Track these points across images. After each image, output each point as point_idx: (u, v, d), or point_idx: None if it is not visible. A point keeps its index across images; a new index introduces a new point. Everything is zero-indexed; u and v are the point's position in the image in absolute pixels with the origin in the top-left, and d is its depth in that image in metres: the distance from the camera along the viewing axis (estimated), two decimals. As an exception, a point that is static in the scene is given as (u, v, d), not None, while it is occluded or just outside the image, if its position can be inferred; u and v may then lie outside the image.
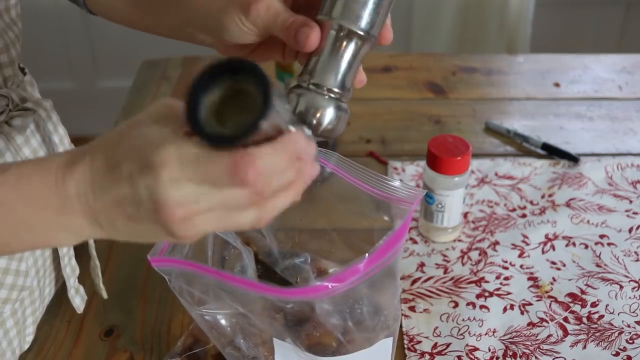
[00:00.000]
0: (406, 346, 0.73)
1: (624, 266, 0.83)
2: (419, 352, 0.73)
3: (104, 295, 0.77)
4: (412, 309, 0.77)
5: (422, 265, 0.84)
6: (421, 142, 0.95)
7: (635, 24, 2.25)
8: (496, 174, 0.98)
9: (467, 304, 0.78)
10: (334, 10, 0.50)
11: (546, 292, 0.80)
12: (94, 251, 0.76)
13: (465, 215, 0.90)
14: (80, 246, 0.75)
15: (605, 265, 0.83)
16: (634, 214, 0.91)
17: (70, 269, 0.73)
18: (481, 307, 0.78)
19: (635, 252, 0.85)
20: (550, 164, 1.00)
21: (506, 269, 0.83)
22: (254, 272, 0.65)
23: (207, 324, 0.61)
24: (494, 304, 0.78)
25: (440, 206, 0.84)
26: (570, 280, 0.81)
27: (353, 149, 1.03)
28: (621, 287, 0.80)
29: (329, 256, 0.70)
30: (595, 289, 0.80)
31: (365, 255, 0.52)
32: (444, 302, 0.78)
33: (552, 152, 1.02)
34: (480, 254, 0.85)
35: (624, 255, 0.84)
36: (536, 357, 0.72)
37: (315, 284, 0.51)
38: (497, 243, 0.86)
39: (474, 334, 0.74)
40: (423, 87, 1.21)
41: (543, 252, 0.85)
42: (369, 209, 0.63)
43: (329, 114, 0.50)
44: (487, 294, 0.79)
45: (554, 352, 0.72)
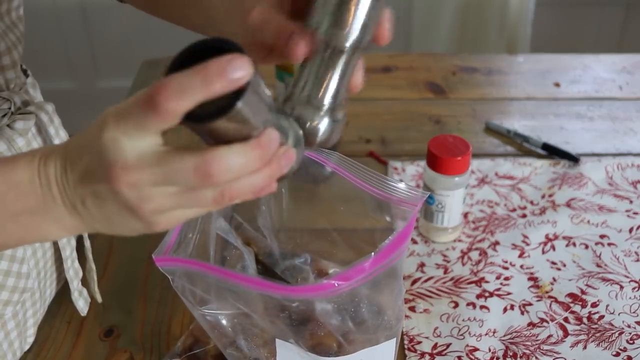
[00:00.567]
0: (406, 346, 0.73)
1: (624, 266, 0.83)
2: (419, 352, 0.73)
3: (99, 299, 0.77)
4: (412, 309, 0.77)
5: (422, 265, 0.83)
6: (421, 142, 0.95)
7: (635, 24, 2.25)
8: (496, 174, 0.98)
9: (467, 304, 0.78)
10: (321, 21, 0.47)
11: (546, 292, 0.80)
12: (90, 254, 0.76)
13: (466, 215, 0.90)
14: (79, 249, 0.75)
15: (606, 265, 0.83)
16: (634, 214, 0.91)
17: (74, 271, 0.73)
18: (481, 307, 0.78)
19: (635, 252, 0.85)
20: (551, 164, 1.00)
21: (506, 269, 0.83)
22: (255, 273, 0.65)
23: (209, 324, 0.61)
24: (494, 304, 0.78)
25: (440, 206, 0.84)
26: (570, 280, 0.81)
27: (353, 149, 1.03)
28: (621, 287, 0.80)
29: (330, 257, 0.70)
30: (595, 289, 0.80)
31: (372, 254, 0.52)
32: (444, 302, 0.78)
33: (552, 152, 1.02)
34: (480, 254, 0.85)
35: (625, 256, 0.84)
36: (536, 358, 0.72)
37: (322, 282, 0.51)
38: (497, 243, 0.86)
39: (474, 334, 0.74)
40: (423, 87, 1.20)
41: (543, 252, 0.85)
42: (370, 209, 0.63)
43: (322, 126, 0.48)
44: (487, 294, 0.79)
45: (554, 352, 0.72)
